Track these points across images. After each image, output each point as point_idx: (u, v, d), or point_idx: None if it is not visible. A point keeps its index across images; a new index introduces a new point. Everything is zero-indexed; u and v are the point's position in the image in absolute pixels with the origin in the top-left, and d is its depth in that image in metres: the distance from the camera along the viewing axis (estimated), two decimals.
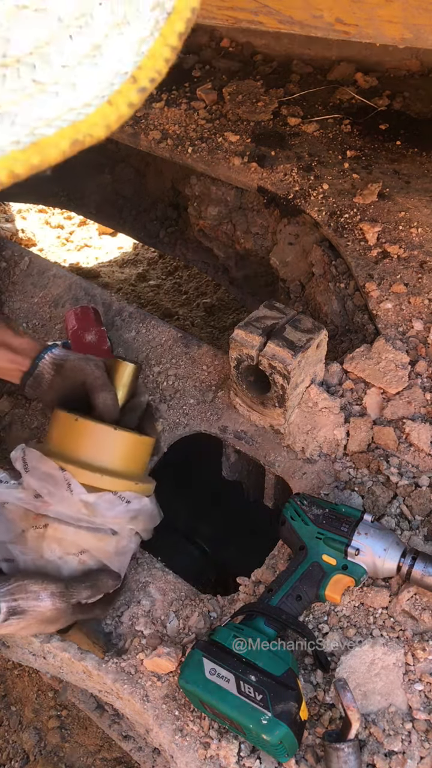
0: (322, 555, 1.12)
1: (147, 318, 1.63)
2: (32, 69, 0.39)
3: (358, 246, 1.64)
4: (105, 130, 0.43)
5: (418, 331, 1.48)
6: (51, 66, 0.40)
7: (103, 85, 0.42)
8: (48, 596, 1.00)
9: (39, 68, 0.39)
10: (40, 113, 0.40)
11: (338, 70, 2.16)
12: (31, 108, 0.40)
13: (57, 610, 1.01)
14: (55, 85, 0.40)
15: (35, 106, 0.40)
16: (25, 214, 3.40)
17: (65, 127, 0.41)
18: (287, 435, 1.35)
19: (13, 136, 0.40)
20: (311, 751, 1.00)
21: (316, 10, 1.08)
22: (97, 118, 0.42)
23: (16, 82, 0.39)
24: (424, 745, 1.00)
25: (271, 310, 1.32)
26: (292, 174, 1.83)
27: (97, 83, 0.41)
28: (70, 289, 1.72)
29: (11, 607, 0.98)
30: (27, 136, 0.40)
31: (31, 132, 0.40)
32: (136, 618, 1.17)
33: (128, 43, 0.42)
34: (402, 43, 1.24)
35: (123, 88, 0.42)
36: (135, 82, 0.43)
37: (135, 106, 0.43)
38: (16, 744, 1.82)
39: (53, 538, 1.06)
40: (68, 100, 0.41)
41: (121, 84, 0.42)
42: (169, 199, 2.46)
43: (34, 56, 0.39)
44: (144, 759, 1.45)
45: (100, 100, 0.42)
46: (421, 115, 2.04)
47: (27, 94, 0.39)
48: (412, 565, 1.08)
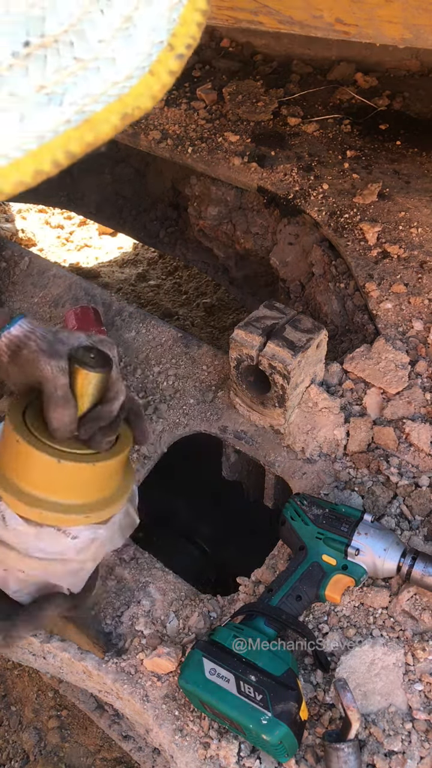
0: (322, 555, 1.12)
1: (147, 318, 1.63)
2: (71, 47, 0.39)
3: (358, 246, 1.64)
4: (151, 100, 0.44)
5: (418, 331, 1.48)
6: (88, 42, 0.40)
7: (141, 56, 0.42)
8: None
9: (77, 45, 0.40)
10: (86, 90, 0.41)
11: (338, 70, 2.16)
12: (76, 86, 0.40)
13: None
14: (95, 61, 0.41)
15: (80, 83, 0.40)
16: (25, 214, 3.39)
17: (112, 101, 0.42)
18: (287, 435, 1.35)
19: (63, 115, 0.40)
20: (311, 751, 1.01)
21: (316, 10, 1.08)
22: (141, 89, 0.43)
23: (57, 61, 0.39)
24: (424, 745, 1.00)
25: (271, 310, 1.32)
26: (292, 174, 1.83)
27: (135, 55, 0.42)
28: (70, 289, 1.72)
29: None
30: (77, 114, 0.41)
31: (81, 110, 0.41)
32: (136, 618, 1.17)
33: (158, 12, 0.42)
34: (402, 43, 1.24)
35: (161, 56, 0.43)
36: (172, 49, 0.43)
37: (175, 73, 0.44)
38: (16, 744, 1.82)
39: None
40: (110, 75, 0.41)
41: (158, 53, 0.43)
42: (169, 199, 2.46)
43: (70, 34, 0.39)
44: (144, 759, 1.45)
45: (141, 71, 0.42)
46: (421, 115, 2.04)
47: (70, 72, 0.40)
48: (412, 565, 1.08)
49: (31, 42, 0.38)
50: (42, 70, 0.39)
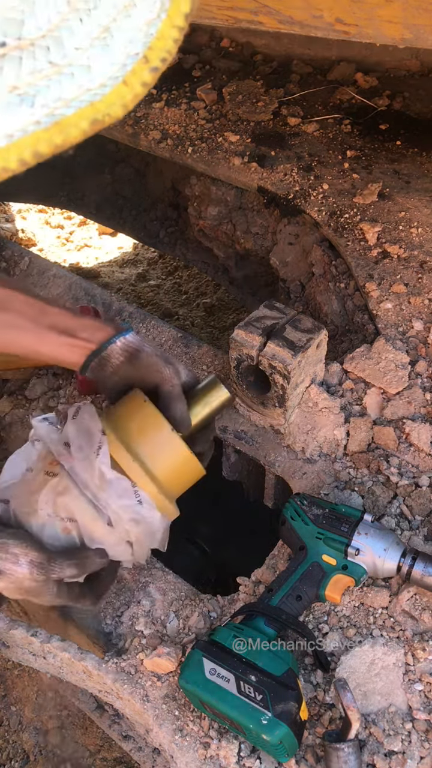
0: (322, 555, 1.12)
1: (147, 318, 1.63)
2: (47, 51, 0.41)
3: (358, 246, 1.64)
4: (122, 109, 0.45)
5: (418, 331, 1.48)
6: (64, 48, 0.41)
7: (116, 66, 0.43)
8: (27, 563, 0.93)
9: (53, 50, 0.41)
10: (58, 94, 0.42)
11: (338, 70, 2.16)
12: (49, 89, 0.41)
13: (35, 582, 0.94)
14: (70, 67, 0.42)
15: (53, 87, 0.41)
16: (25, 214, 3.40)
17: (84, 107, 0.43)
18: (287, 435, 1.35)
19: (33, 116, 0.41)
20: (311, 751, 1.00)
21: (316, 10, 1.08)
22: (114, 97, 0.44)
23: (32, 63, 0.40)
24: (424, 745, 1.00)
25: (271, 310, 1.32)
26: (292, 174, 1.84)
27: (110, 64, 0.43)
28: (70, 289, 1.72)
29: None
30: (47, 116, 0.42)
31: (51, 112, 0.42)
32: (136, 618, 1.17)
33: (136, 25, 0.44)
34: (402, 43, 1.24)
35: (136, 68, 0.44)
36: (147, 62, 0.44)
37: (149, 85, 0.45)
38: (16, 744, 1.82)
39: (54, 491, 0.99)
40: (84, 81, 0.42)
41: (133, 65, 0.44)
42: (169, 199, 2.46)
43: (47, 39, 0.41)
44: (144, 759, 1.45)
45: (115, 81, 0.43)
46: (421, 115, 2.05)
47: (44, 75, 0.41)
48: (412, 565, 1.08)
49: (7, 43, 0.39)
50: (16, 71, 0.40)
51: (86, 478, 0.99)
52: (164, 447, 1.03)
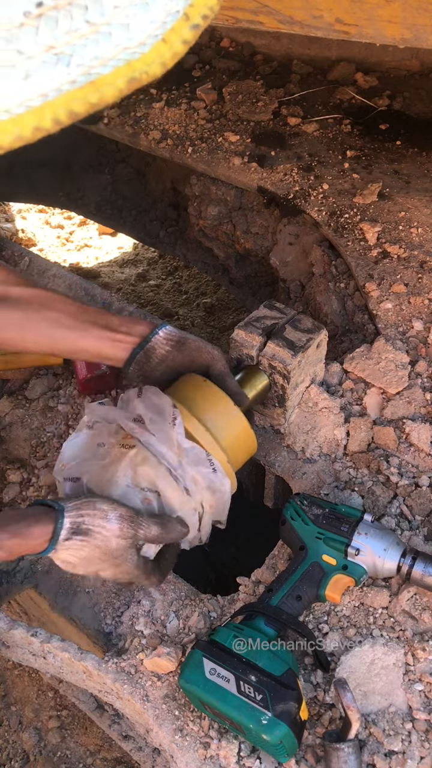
0: (322, 555, 1.11)
1: (147, 318, 1.63)
2: (84, 10, 0.40)
3: (358, 246, 1.64)
4: (161, 67, 0.44)
5: (418, 331, 1.48)
6: (103, 7, 0.40)
7: (156, 24, 0.42)
8: (116, 518, 0.93)
9: (91, 9, 0.40)
10: (95, 53, 0.41)
11: (338, 70, 2.16)
12: (86, 48, 0.41)
13: (123, 539, 0.93)
14: (108, 26, 0.41)
15: (90, 46, 0.41)
16: (25, 214, 3.40)
17: (121, 65, 0.42)
18: (287, 435, 1.35)
19: (69, 76, 0.41)
20: (311, 751, 1.00)
21: (316, 10, 1.08)
22: (153, 56, 0.43)
23: (68, 23, 0.40)
24: (424, 745, 1.00)
25: (271, 310, 1.32)
26: (292, 174, 1.83)
27: (149, 22, 0.42)
28: (70, 289, 1.72)
29: (75, 523, 0.92)
30: (83, 75, 0.41)
31: (87, 71, 0.41)
32: (136, 618, 1.17)
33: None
34: (402, 43, 1.24)
35: (176, 26, 0.43)
36: (188, 19, 0.43)
37: (189, 43, 0.44)
38: (16, 744, 1.82)
39: (132, 462, 1.01)
40: (122, 40, 0.42)
41: (173, 22, 0.43)
42: (169, 199, 2.46)
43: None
44: (144, 759, 1.45)
45: (154, 39, 0.43)
46: (421, 115, 2.05)
47: (81, 35, 0.40)
48: (412, 566, 1.08)
49: (44, 3, 0.39)
50: (53, 31, 0.39)
51: (162, 449, 1.02)
52: (229, 419, 1.10)
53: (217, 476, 1.06)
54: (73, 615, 1.22)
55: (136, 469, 1.01)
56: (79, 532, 0.93)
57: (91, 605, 1.22)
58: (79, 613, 1.21)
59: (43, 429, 1.48)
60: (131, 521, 0.95)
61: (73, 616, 1.21)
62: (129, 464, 1.02)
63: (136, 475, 1.01)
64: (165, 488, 1.02)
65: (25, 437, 1.48)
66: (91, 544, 0.93)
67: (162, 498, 1.02)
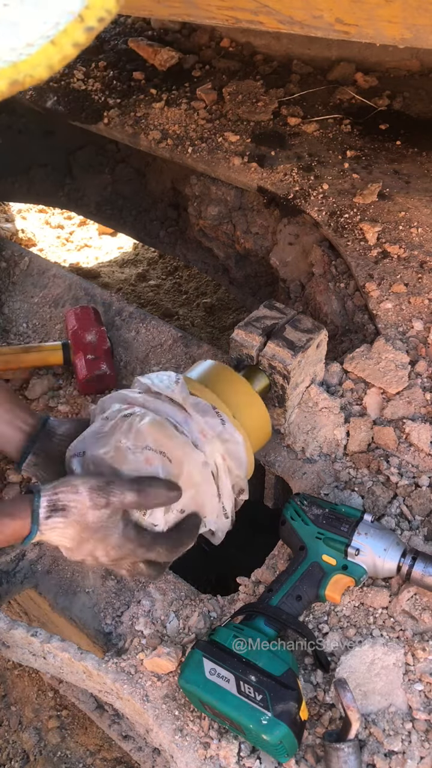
0: (322, 555, 1.12)
1: (147, 318, 1.63)
2: None
3: (358, 246, 1.64)
4: (47, 70, 0.41)
5: (418, 331, 1.48)
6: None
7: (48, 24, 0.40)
8: (87, 490, 0.92)
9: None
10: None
11: (338, 70, 2.16)
12: None
13: (98, 510, 0.92)
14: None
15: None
16: (25, 214, 3.40)
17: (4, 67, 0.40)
18: (287, 435, 1.35)
19: None
20: (311, 751, 1.00)
21: (316, 10, 1.08)
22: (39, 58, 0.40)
23: None
24: (424, 745, 1.00)
25: (271, 310, 1.32)
26: (292, 174, 1.83)
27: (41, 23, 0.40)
28: (70, 289, 1.72)
29: (51, 501, 0.92)
30: None
31: None
32: (136, 618, 1.17)
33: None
34: (402, 43, 1.24)
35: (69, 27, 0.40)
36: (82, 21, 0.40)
37: (81, 46, 0.42)
38: (16, 744, 1.82)
39: (129, 426, 0.99)
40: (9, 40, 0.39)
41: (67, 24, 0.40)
42: (169, 199, 2.46)
43: None
44: (144, 759, 1.45)
45: (43, 40, 0.40)
46: (421, 115, 2.05)
47: None
48: (412, 565, 1.08)
49: None
50: None
51: (166, 407, 1.02)
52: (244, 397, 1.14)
53: (227, 428, 1.05)
54: (73, 615, 1.21)
55: (137, 428, 0.99)
56: (57, 509, 0.92)
57: (91, 605, 1.22)
58: (79, 613, 1.21)
59: None
60: (100, 490, 0.93)
61: (73, 616, 1.21)
62: (128, 427, 1.00)
63: (138, 434, 0.99)
64: (169, 442, 0.99)
65: None
66: (71, 519, 0.92)
67: (167, 454, 0.99)
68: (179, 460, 0.99)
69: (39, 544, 1.27)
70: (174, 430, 1.00)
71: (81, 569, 1.25)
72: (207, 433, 1.03)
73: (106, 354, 1.49)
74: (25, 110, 2.46)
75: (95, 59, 2.33)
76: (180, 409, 1.03)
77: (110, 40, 2.41)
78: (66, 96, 2.22)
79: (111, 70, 2.28)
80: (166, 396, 1.04)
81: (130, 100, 2.15)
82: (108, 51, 2.37)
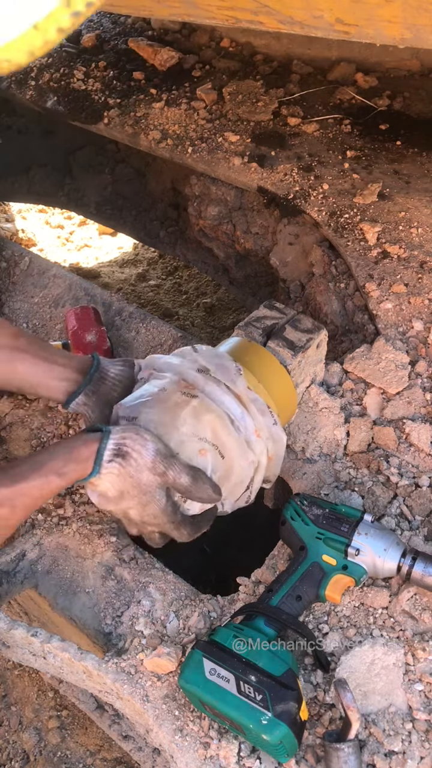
0: (322, 555, 1.12)
1: (147, 318, 1.63)
2: None
3: (358, 246, 1.64)
4: (28, 56, 0.39)
5: (418, 331, 1.48)
6: None
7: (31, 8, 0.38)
8: (153, 450, 0.94)
9: None
10: None
11: (338, 70, 2.16)
12: None
13: (153, 474, 0.93)
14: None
15: None
16: (25, 214, 3.40)
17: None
18: (287, 435, 1.35)
19: None
20: (311, 751, 1.00)
21: (316, 10, 1.08)
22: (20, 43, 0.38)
23: None
24: (424, 745, 1.00)
25: (271, 310, 1.32)
26: (292, 174, 1.83)
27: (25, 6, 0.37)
28: (70, 289, 1.72)
29: (118, 444, 0.93)
30: None
31: None
32: (136, 618, 1.17)
33: None
34: (402, 43, 1.24)
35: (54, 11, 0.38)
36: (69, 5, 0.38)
37: (65, 31, 0.39)
38: (16, 744, 1.82)
39: (195, 411, 1.02)
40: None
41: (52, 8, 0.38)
42: (169, 199, 2.46)
43: None
44: (144, 759, 1.45)
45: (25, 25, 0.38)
46: (421, 115, 2.04)
47: None
48: (412, 566, 1.08)
49: None
50: None
51: (226, 399, 1.04)
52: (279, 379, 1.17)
53: (277, 428, 1.09)
54: (73, 615, 1.21)
55: (199, 417, 1.01)
56: (119, 454, 0.94)
57: (91, 605, 1.22)
58: (79, 613, 1.21)
59: (44, 429, 1.48)
60: (165, 458, 0.95)
61: (73, 616, 1.21)
62: (191, 412, 1.02)
63: (198, 423, 1.01)
64: (226, 438, 1.02)
65: (25, 437, 1.48)
66: (126, 470, 0.93)
67: (221, 449, 1.02)
68: (231, 458, 1.03)
69: (39, 545, 1.27)
70: (232, 427, 1.03)
71: (81, 569, 1.25)
72: (261, 432, 1.07)
73: (106, 354, 1.49)
74: (25, 110, 2.46)
75: (95, 59, 2.34)
76: (238, 403, 1.05)
77: (110, 40, 2.41)
78: (66, 96, 2.22)
79: (111, 70, 2.28)
80: (225, 385, 1.06)
81: (130, 100, 2.15)
82: (108, 51, 2.37)
